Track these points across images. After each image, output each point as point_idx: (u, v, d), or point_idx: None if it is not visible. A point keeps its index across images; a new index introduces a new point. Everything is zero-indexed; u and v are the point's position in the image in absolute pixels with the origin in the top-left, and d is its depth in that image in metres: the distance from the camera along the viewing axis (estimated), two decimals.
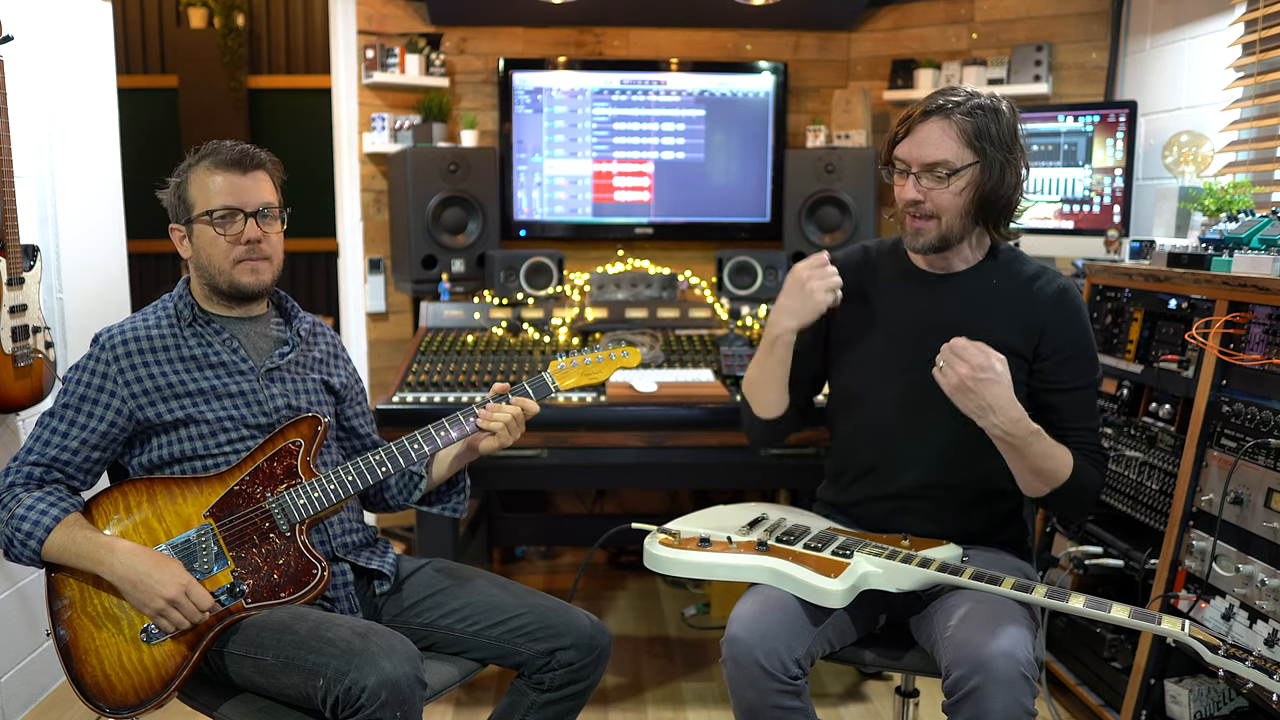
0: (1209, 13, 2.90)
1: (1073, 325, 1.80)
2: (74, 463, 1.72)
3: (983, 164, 1.75)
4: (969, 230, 1.81)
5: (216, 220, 1.75)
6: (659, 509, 3.86)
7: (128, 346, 1.75)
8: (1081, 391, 1.80)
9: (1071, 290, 1.83)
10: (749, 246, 3.67)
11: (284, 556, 1.69)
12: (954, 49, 3.72)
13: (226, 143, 1.79)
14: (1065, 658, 2.63)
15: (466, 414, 1.78)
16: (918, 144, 1.76)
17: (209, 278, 1.80)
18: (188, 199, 1.77)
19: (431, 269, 3.38)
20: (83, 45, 2.89)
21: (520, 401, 1.78)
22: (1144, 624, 1.53)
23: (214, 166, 1.76)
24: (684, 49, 3.89)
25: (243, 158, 1.77)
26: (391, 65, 3.66)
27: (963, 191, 1.76)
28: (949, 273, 1.87)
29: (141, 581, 1.60)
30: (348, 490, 1.75)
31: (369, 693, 1.48)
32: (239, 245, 1.76)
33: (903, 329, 1.87)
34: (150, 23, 5.97)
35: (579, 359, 1.87)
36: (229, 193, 1.75)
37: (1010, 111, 1.78)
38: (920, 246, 1.81)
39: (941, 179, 1.75)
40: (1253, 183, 2.66)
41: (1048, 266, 1.87)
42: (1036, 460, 1.70)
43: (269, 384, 1.82)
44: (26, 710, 2.61)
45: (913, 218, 1.79)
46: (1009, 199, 1.79)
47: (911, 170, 1.77)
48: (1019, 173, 1.79)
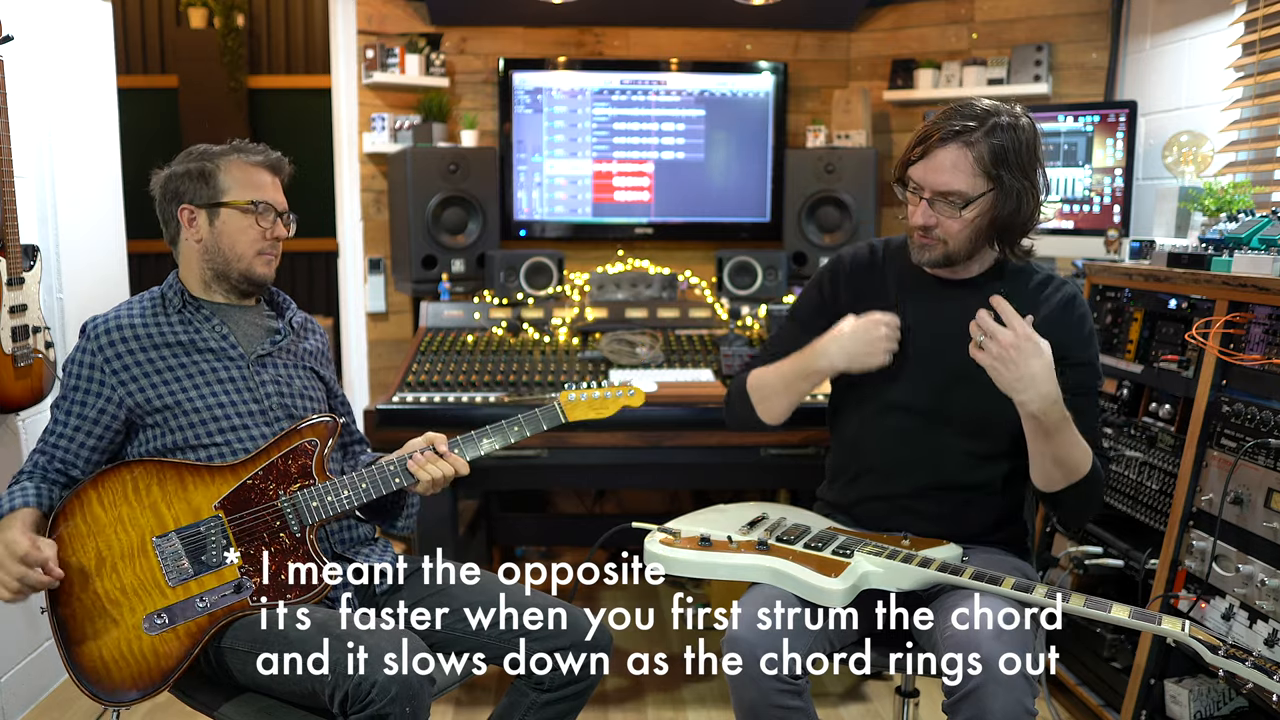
0: (1209, 13, 2.90)
1: (1080, 333, 1.80)
2: (72, 450, 1.75)
3: (999, 191, 1.71)
4: (978, 250, 1.80)
5: (259, 211, 1.82)
6: (659, 509, 3.86)
7: (111, 335, 1.77)
8: (1087, 397, 1.80)
9: (1079, 297, 1.83)
10: (749, 246, 3.66)
11: (292, 556, 1.70)
12: (954, 49, 3.72)
13: (259, 144, 1.89)
14: (1065, 658, 2.63)
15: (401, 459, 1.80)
16: (933, 169, 1.72)
17: (220, 264, 1.83)
18: (218, 184, 1.81)
19: (431, 269, 3.38)
20: (83, 45, 2.89)
21: (453, 460, 1.80)
22: (1144, 624, 1.53)
23: (258, 164, 1.85)
24: (684, 49, 3.88)
25: (279, 162, 1.88)
26: (391, 65, 3.65)
27: (975, 220, 1.74)
28: (957, 279, 1.86)
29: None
30: (361, 499, 1.76)
31: (379, 688, 1.48)
32: (265, 239, 1.84)
33: (909, 333, 1.86)
34: (150, 23, 5.97)
35: (588, 393, 1.92)
36: (266, 191, 1.84)
37: (1030, 128, 1.74)
38: (925, 262, 1.81)
39: (954, 206, 1.72)
40: (1253, 183, 2.66)
41: (1054, 273, 1.87)
42: (1064, 448, 1.67)
43: (259, 370, 1.83)
44: (26, 710, 2.61)
45: (921, 236, 1.78)
46: (1025, 223, 1.76)
47: (924, 195, 1.74)
48: (1037, 196, 1.75)
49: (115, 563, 1.66)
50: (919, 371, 1.83)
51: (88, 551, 1.66)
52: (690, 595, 2.35)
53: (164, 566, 1.66)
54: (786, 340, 1.98)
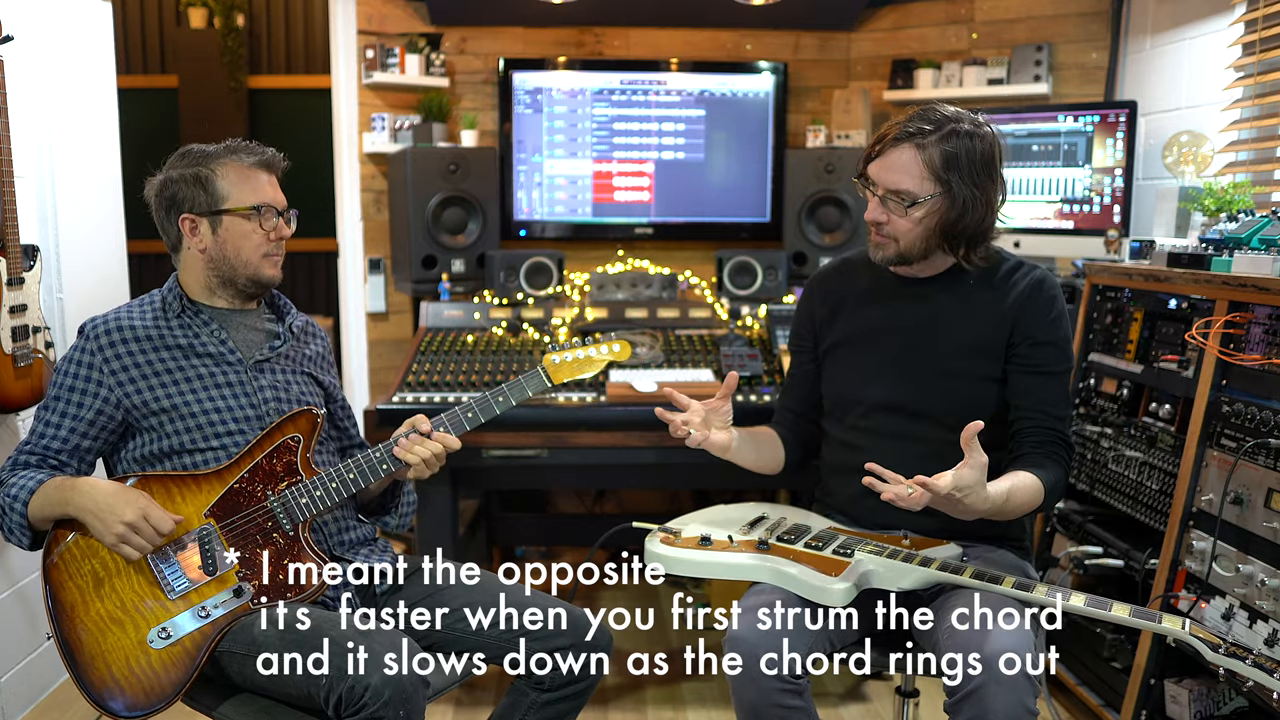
0: (1209, 13, 2.90)
1: (1045, 313, 1.83)
2: (65, 450, 1.74)
3: (946, 195, 1.77)
4: (931, 251, 1.84)
5: (263, 215, 1.80)
6: (659, 509, 3.86)
7: (111, 336, 1.76)
8: (1052, 377, 1.83)
9: (1047, 282, 1.86)
10: (749, 246, 3.66)
11: (287, 556, 1.70)
12: (954, 49, 3.72)
13: (252, 143, 1.85)
14: (1065, 657, 2.63)
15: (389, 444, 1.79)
16: (885, 167, 1.79)
17: (227, 270, 1.81)
18: (216, 191, 1.79)
19: (431, 269, 3.38)
20: (83, 45, 2.89)
21: (442, 438, 1.79)
22: (1144, 622, 1.53)
23: (254, 165, 1.81)
24: (684, 49, 3.88)
25: (273, 159, 1.85)
26: (391, 65, 3.65)
27: (922, 221, 1.79)
28: (923, 277, 1.90)
29: (99, 510, 1.62)
30: (350, 489, 1.75)
31: (372, 691, 1.48)
32: (270, 241, 1.82)
33: (881, 336, 1.91)
34: (150, 23, 5.96)
35: (572, 352, 1.89)
36: (266, 192, 1.82)
37: (991, 138, 1.79)
38: (880, 260, 1.87)
39: (902, 205, 1.77)
40: (1253, 183, 2.66)
41: (1026, 261, 1.90)
42: (1016, 510, 1.73)
43: (257, 375, 1.82)
44: (26, 710, 2.61)
45: (875, 233, 1.84)
46: (976, 230, 1.81)
47: (877, 192, 1.80)
48: (989, 204, 1.80)
49: (113, 582, 1.66)
50: (896, 371, 1.87)
51: (84, 574, 1.66)
52: (690, 595, 2.35)
53: (161, 581, 1.66)
54: (793, 372, 2.08)
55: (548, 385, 1.86)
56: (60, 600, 1.66)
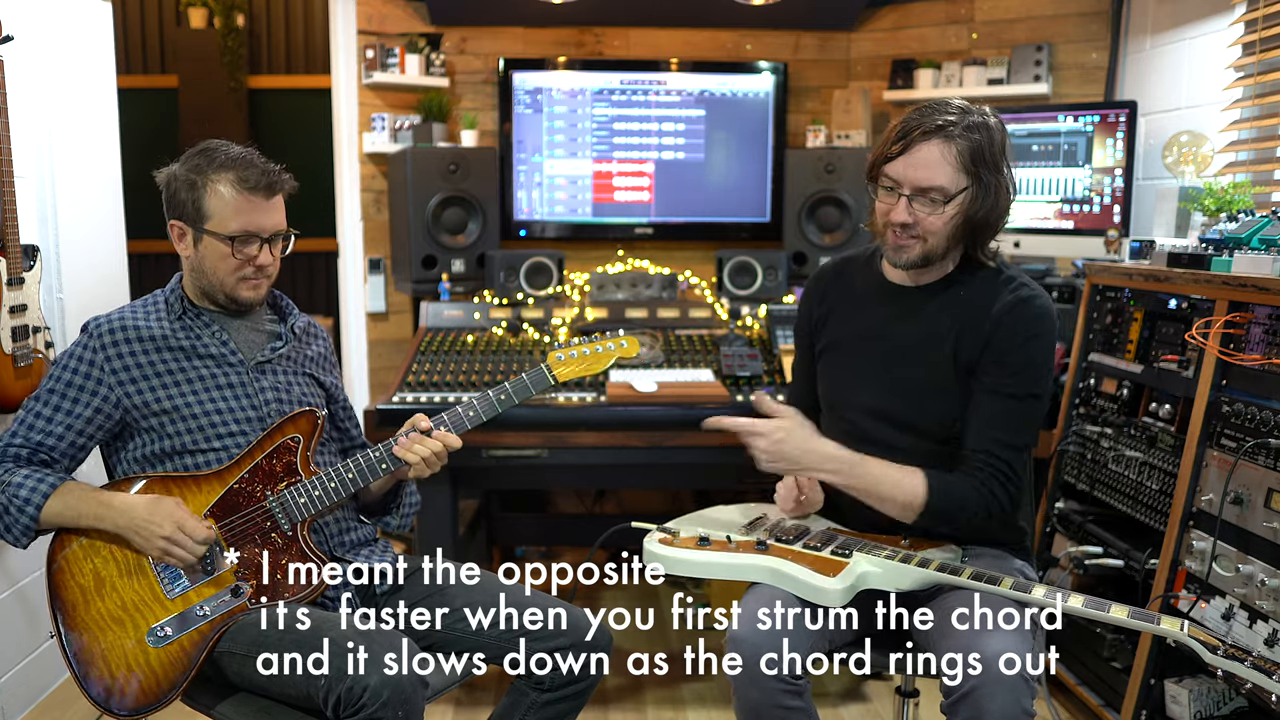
0: (1209, 13, 2.90)
1: (1019, 334, 1.74)
2: (58, 448, 1.73)
3: (977, 189, 1.72)
4: (952, 250, 1.80)
5: (237, 244, 1.74)
6: (659, 509, 3.86)
7: (115, 335, 1.76)
8: (1009, 400, 1.73)
9: (1033, 303, 1.76)
10: (749, 246, 3.66)
11: (286, 556, 1.70)
12: (954, 49, 3.72)
13: (254, 158, 1.77)
14: (1065, 658, 2.63)
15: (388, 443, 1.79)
16: (914, 165, 1.71)
17: (207, 286, 1.80)
18: (203, 207, 1.75)
19: (431, 269, 3.38)
20: (83, 45, 2.89)
21: (442, 436, 1.78)
22: (1143, 624, 1.53)
23: (242, 188, 1.73)
24: (684, 49, 3.88)
25: (271, 183, 1.76)
26: (391, 65, 3.66)
27: (954, 217, 1.73)
28: (916, 285, 1.85)
29: (139, 528, 1.63)
30: (349, 488, 1.75)
31: (371, 692, 1.48)
32: (248, 266, 1.77)
33: (869, 343, 1.87)
34: (150, 23, 5.97)
35: (577, 349, 1.87)
36: (251, 218, 1.74)
37: (1000, 127, 1.75)
38: (903, 263, 1.79)
39: (935, 203, 1.71)
40: (1253, 183, 2.66)
41: (1021, 278, 1.81)
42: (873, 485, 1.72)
43: (259, 376, 1.82)
44: (26, 710, 2.61)
45: (897, 235, 1.76)
46: (997, 221, 1.77)
47: (903, 191, 1.73)
48: (1008, 194, 1.76)
49: (114, 581, 1.66)
50: (881, 380, 1.84)
51: (85, 573, 1.67)
52: (690, 595, 2.34)
53: (160, 580, 1.66)
54: (796, 365, 2.05)
55: (551, 383, 1.85)
56: (62, 599, 1.67)
